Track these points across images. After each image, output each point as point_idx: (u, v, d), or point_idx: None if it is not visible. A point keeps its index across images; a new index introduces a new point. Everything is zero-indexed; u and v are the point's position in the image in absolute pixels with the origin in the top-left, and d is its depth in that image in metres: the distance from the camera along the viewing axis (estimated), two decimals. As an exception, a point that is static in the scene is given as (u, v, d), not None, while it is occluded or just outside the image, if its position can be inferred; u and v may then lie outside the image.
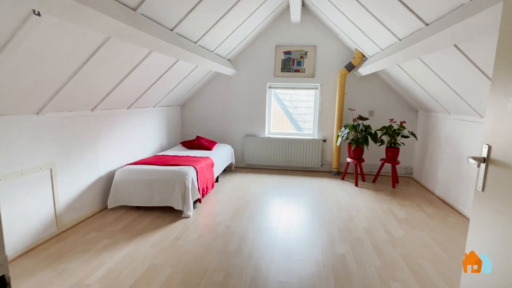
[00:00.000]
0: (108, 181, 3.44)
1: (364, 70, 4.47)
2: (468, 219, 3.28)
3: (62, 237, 2.71)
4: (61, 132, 2.76)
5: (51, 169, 2.65)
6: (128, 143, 3.83)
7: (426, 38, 2.38)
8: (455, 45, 2.42)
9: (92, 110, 3.12)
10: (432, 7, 2.21)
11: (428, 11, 2.30)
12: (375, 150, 5.05)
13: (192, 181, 3.30)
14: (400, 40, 3.06)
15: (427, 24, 2.45)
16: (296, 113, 5.54)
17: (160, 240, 2.69)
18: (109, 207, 3.30)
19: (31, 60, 1.97)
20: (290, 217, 3.28)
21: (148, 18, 2.38)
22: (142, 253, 2.47)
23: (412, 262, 2.40)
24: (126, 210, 3.35)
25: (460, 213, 3.46)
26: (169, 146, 5.07)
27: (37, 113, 2.49)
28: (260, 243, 2.68)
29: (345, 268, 2.31)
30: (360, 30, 3.76)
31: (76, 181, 2.97)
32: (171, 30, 2.82)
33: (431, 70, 3.19)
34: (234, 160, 5.17)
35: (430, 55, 2.93)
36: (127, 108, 3.75)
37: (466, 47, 2.37)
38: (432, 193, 4.18)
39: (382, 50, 3.74)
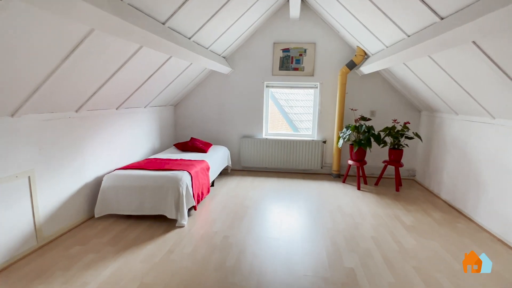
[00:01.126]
0: (95, 187, 3.18)
1: (366, 68, 4.27)
2: (479, 226, 3.11)
3: (43, 251, 2.45)
4: (41, 135, 2.50)
5: (29, 177, 2.39)
6: (117, 146, 3.57)
7: (441, 34, 2.19)
8: (473, 42, 2.23)
9: (76, 111, 2.85)
10: (450, -2, 2.01)
11: (444, 3, 2.10)
12: (377, 151, 4.87)
13: (187, 187, 3.06)
14: (409, 36, 2.87)
15: (442, 18, 2.25)
16: (293, 112, 5.34)
17: (151, 254, 2.45)
18: (96, 216, 3.05)
19: (0, 55, 1.72)
20: (292, 226, 3.07)
21: (137, 9, 2.14)
22: (131, 269, 2.23)
23: (427, 277, 2.21)
24: (115, 219, 3.09)
25: (469, 219, 3.29)
26: (161, 149, 4.81)
27: (12, 115, 2.22)
28: (261, 256, 2.46)
29: (355, 285, 2.10)
30: (364, 25, 3.56)
31: (58, 189, 2.71)
32: (163, 23, 2.58)
33: (441, 68, 3.00)
34: (230, 162, 4.94)
35: (441, 52, 2.74)
36: (116, 109, 3.49)
37: (485, 44, 2.18)
38: (438, 197, 4.01)
39: (386, 47, 3.55)
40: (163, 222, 3.05)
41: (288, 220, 3.21)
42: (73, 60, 2.18)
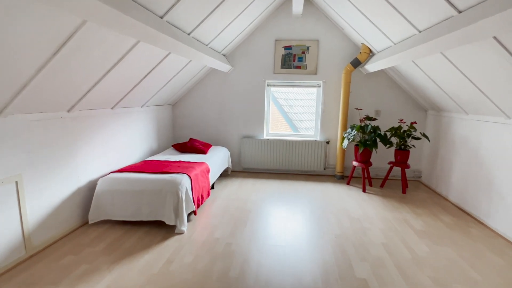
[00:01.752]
0: (89, 192, 3.00)
1: (372, 66, 4.13)
2: (492, 231, 2.97)
3: (31, 262, 2.27)
4: (29, 137, 2.32)
5: (16, 182, 2.21)
6: (112, 148, 3.39)
7: (459, 29, 2.04)
8: (494, 37, 2.09)
9: (68, 111, 2.68)
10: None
11: (464, -6, 1.96)
12: (382, 152, 4.74)
13: (186, 191, 2.90)
14: (420, 32, 2.73)
15: (460, 12, 2.10)
16: (293, 112, 5.18)
17: (149, 264, 2.28)
18: (90, 222, 2.87)
19: (-20, 49, 1.55)
20: (297, 231, 2.92)
21: (133, 0, 1.97)
22: (127, 282, 2.06)
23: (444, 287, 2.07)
24: (110, 226, 2.92)
25: (482, 223, 3.15)
26: (159, 150, 4.64)
27: (-3, 115, 2.05)
28: (266, 266, 2.31)
29: (370, 298, 1.96)
30: (370, 21, 3.41)
31: (49, 194, 2.53)
32: (161, 17, 2.41)
33: (453, 65, 2.86)
34: (230, 164, 4.77)
35: (455, 49, 2.60)
36: (111, 108, 3.31)
37: (507, 39, 2.04)
38: (446, 199, 3.88)
39: (394, 44, 3.41)
40: (161, 229, 2.88)
41: (293, 225, 3.05)
42: (64, 55, 2.01)
